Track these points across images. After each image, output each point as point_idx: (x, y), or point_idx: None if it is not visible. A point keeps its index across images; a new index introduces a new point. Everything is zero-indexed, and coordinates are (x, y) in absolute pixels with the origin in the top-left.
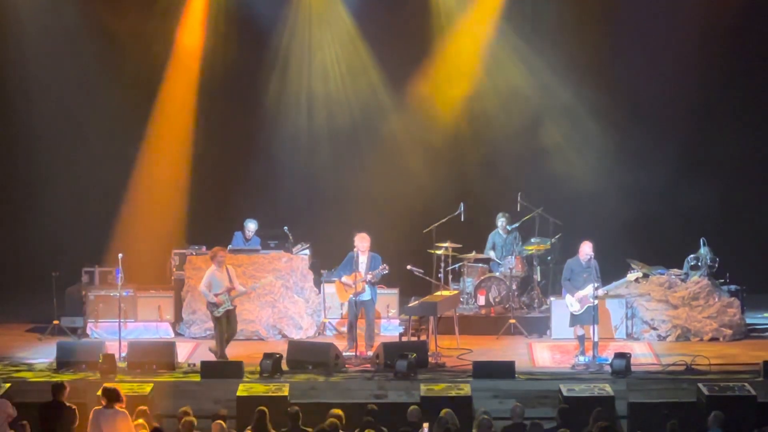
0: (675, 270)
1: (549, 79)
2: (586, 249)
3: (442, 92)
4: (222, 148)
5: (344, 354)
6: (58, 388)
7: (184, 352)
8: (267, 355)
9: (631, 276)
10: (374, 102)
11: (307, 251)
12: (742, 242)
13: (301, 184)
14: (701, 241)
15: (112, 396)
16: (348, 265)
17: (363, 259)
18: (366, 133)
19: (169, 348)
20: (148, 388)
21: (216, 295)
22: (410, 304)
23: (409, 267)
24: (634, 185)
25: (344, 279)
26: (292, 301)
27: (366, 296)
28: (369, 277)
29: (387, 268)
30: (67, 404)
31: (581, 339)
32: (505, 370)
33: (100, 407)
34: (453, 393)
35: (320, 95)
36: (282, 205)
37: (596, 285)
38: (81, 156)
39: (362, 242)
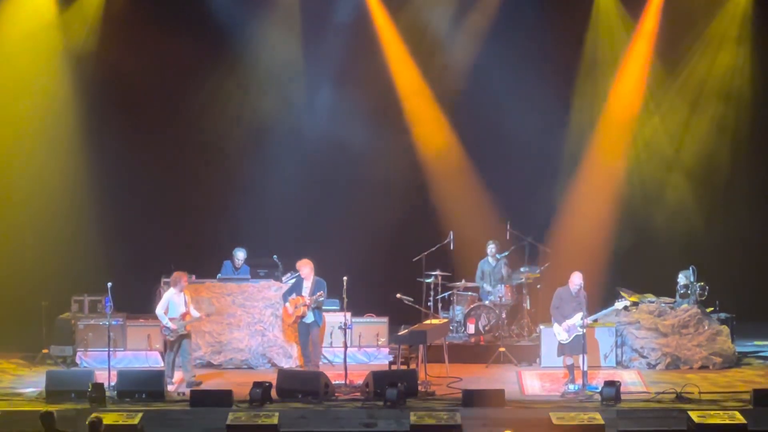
0: (665, 298)
1: (535, 109)
2: (576, 279)
3: (430, 121)
4: (211, 176)
5: (334, 383)
6: (48, 417)
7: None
8: (256, 384)
9: (619, 304)
10: (363, 130)
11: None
12: (732, 270)
13: (291, 213)
14: (690, 269)
15: (96, 427)
16: (293, 290)
17: (307, 284)
18: (355, 162)
19: (159, 377)
20: (137, 418)
21: (171, 320)
22: (400, 333)
23: (398, 295)
24: (623, 213)
25: (287, 304)
26: (281, 329)
27: (308, 319)
28: (308, 301)
29: (323, 294)
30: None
31: (570, 368)
32: (495, 398)
33: None
34: (443, 421)
35: (308, 124)
36: (271, 234)
37: (584, 314)
38: (69, 185)
39: (303, 268)
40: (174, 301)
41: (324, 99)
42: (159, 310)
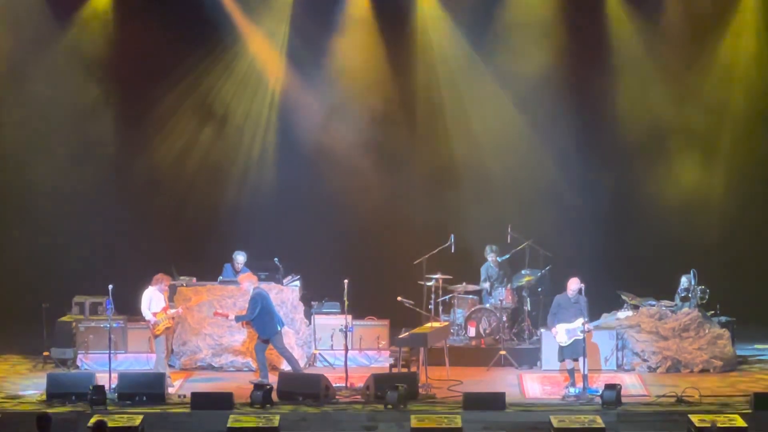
0: (665, 301)
1: (540, 115)
2: (573, 286)
3: (437, 124)
4: (211, 179)
5: (335, 386)
6: (44, 420)
7: (174, 383)
8: (257, 386)
9: (621, 314)
10: (366, 136)
11: (298, 283)
12: (733, 274)
13: (291, 216)
14: (692, 272)
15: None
16: None
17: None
18: (356, 166)
19: (160, 379)
20: (138, 420)
21: (154, 314)
22: (401, 336)
23: (399, 298)
24: (625, 217)
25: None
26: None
27: None
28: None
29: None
30: None
31: (571, 371)
32: (496, 401)
33: None
34: (443, 424)
35: (309, 125)
36: (272, 237)
37: (584, 319)
38: (71, 188)
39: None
40: (155, 297)
41: (324, 99)
42: (143, 307)
